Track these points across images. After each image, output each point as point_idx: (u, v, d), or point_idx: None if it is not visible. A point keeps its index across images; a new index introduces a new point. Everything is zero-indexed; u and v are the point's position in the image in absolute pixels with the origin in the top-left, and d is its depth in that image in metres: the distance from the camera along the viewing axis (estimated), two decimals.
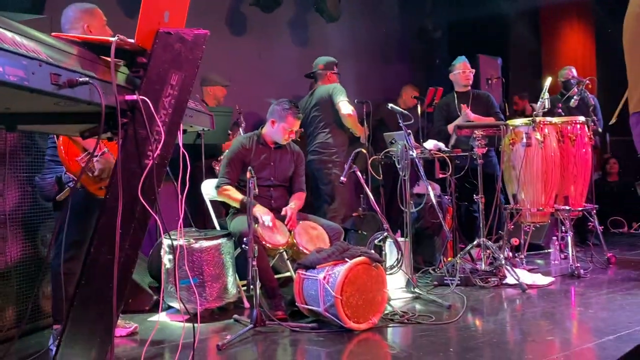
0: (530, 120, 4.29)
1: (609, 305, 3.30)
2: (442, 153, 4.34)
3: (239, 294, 3.56)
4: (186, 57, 1.74)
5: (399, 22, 6.72)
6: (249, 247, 2.94)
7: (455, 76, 5.08)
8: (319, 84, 4.66)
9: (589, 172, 4.42)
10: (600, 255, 4.55)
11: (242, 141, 3.64)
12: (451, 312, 3.23)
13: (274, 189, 3.64)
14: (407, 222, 3.86)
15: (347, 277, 2.87)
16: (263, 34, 5.49)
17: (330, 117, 4.55)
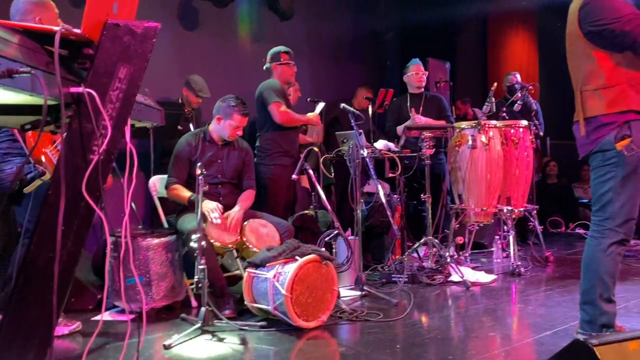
0: (475, 123, 4.43)
1: (547, 301, 3.45)
2: (391, 153, 4.42)
3: (187, 293, 3.50)
4: (135, 50, 1.70)
5: (352, 23, 6.78)
6: (197, 245, 2.90)
7: (408, 78, 5.16)
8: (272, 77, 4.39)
9: (530, 174, 4.61)
10: (539, 253, 4.75)
11: (188, 139, 3.58)
12: (398, 309, 3.30)
13: (222, 186, 3.60)
14: (357, 221, 3.91)
15: (297, 276, 2.88)
16: (215, 29, 5.42)
17: (263, 118, 4.30)
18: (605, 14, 2.30)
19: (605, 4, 2.33)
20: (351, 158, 3.92)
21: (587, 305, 2.44)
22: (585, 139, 2.43)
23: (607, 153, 2.36)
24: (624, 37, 2.28)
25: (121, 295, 3.09)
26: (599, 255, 2.40)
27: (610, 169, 2.36)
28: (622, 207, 2.36)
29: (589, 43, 2.39)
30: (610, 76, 2.36)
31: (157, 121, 2.48)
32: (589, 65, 2.41)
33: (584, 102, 2.42)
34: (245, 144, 3.77)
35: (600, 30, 2.33)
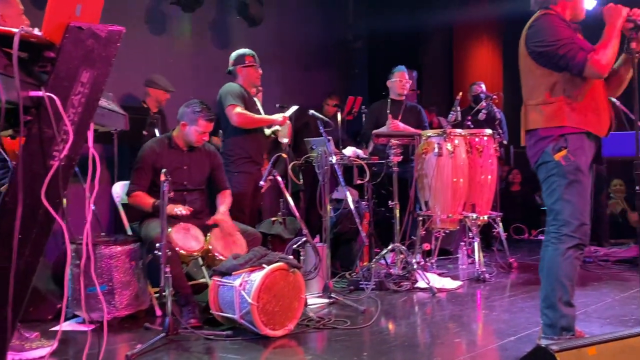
0: (441, 131, 4.50)
1: (511, 307, 3.51)
2: (360, 160, 4.44)
3: (151, 302, 3.43)
4: (99, 54, 1.66)
5: (321, 30, 6.81)
6: (162, 253, 2.85)
7: (392, 83, 5.20)
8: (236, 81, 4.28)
9: (494, 182, 4.70)
10: (503, 260, 4.83)
11: (152, 145, 3.51)
12: (366, 317, 3.30)
13: (188, 193, 3.54)
14: (326, 227, 3.90)
15: (264, 284, 2.86)
16: (183, 34, 5.36)
17: (224, 122, 4.20)
18: (545, 36, 2.49)
19: (547, 27, 2.51)
20: (320, 165, 3.92)
21: (548, 310, 2.53)
22: (530, 151, 2.59)
23: (548, 164, 2.52)
24: (560, 59, 2.46)
25: (82, 305, 3.01)
26: (557, 259, 2.50)
27: (554, 179, 2.51)
28: (572, 214, 2.48)
29: (533, 61, 2.56)
30: (549, 93, 2.52)
31: (121, 126, 2.43)
32: (532, 81, 2.59)
33: (527, 116, 2.59)
34: (212, 148, 3.73)
35: (540, 51, 2.51)
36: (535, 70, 2.56)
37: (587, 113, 2.52)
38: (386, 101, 5.25)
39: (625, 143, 4.75)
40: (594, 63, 2.40)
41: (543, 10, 2.58)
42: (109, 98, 3.14)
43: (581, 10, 2.67)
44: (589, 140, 2.53)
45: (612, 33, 2.46)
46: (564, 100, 2.50)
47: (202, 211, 3.60)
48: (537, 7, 2.64)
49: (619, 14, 2.47)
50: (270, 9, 5.87)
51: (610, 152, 4.86)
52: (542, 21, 2.53)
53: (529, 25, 2.56)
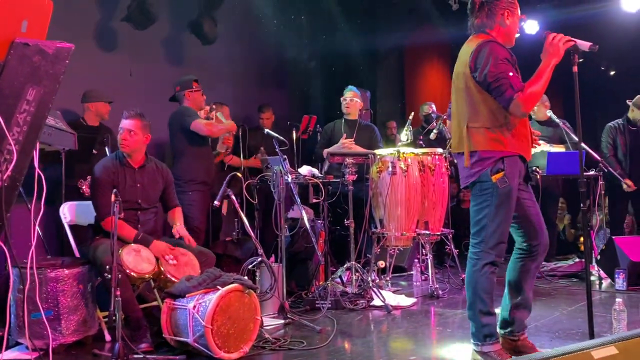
0: (395, 150, 4.58)
1: (464, 323, 3.55)
2: (315, 179, 4.45)
3: (100, 327, 3.31)
4: (46, 71, 1.62)
5: (276, 49, 6.83)
6: (112, 276, 2.75)
7: (343, 104, 5.25)
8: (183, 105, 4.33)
9: (446, 200, 4.80)
10: (455, 276, 4.92)
11: (106, 164, 3.41)
12: (322, 336, 3.29)
13: (142, 212, 3.45)
14: (281, 247, 3.88)
15: (218, 306, 2.80)
16: (135, 52, 5.27)
17: (177, 144, 4.27)
18: (485, 66, 2.57)
19: (489, 56, 2.58)
20: (275, 184, 3.91)
21: (471, 320, 2.74)
22: (468, 170, 2.70)
23: (484, 184, 2.65)
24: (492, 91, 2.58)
25: (25, 332, 2.86)
26: (476, 275, 2.70)
27: (486, 198, 2.65)
28: (494, 232, 2.64)
29: (476, 84, 2.64)
30: (492, 118, 2.63)
31: (69, 145, 2.36)
32: (475, 104, 2.66)
33: (470, 137, 2.67)
34: (164, 165, 3.66)
35: (479, 80, 2.61)
36: (477, 93, 2.64)
37: (521, 138, 2.68)
38: (340, 121, 5.31)
39: (568, 162, 4.98)
40: (519, 102, 2.53)
41: (483, 35, 2.69)
42: (57, 116, 3.05)
43: (513, 37, 2.80)
44: (521, 163, 2.69)
45: (544, 72, 2.60)
46: (505, 126, 2.62)
47: (155, 231, 3.51)
48: (473, 30, 2.76)
49: (557, 52, 2.61)
50: (224, 27, 5.86)
51: (554, 171, 5.08)
52: (487, 49, 2.60)
53: (476, 49, 2.62)
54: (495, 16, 2.68)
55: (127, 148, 3.40)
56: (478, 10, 2.71)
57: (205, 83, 4.50)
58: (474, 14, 2.73)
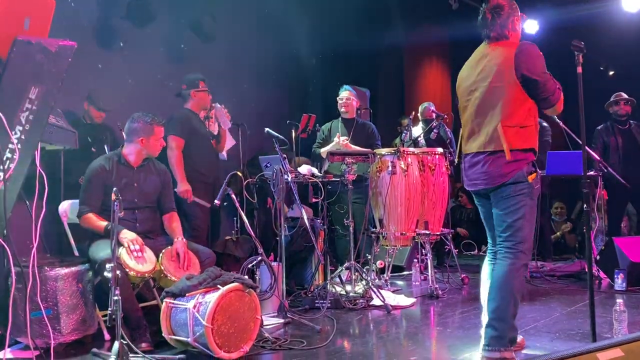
0: (395, 150, 4.57)
1: (464, 323, 3.57)
2: (315, 178, 4.45)
3: (99, 326, 3.29)
4: (49, 69, 1.60)
5: (276, 48, 6.82)
6: (112, 275, 2.74)
7: (339, 104, 5.25)
8: (186, 107, 4.28)
9: (446, 199, 4.80)
10: (455, 276, 4.93)
11: (101, 163, 3.39)
12: (322, 336, 3.28)
13: (139, 211, 3.44)
14: (281, 246, 3.87)
15: (219, 305, 2.79)
16: (134, 49, 5.25)
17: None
18: (538, 65, 2.63)
19: (538, 56, 2.65)
20: (275, 183, 3.90)
21: (497, 322, 2.60)
22: (499, 170, 2.65)
23: (519, 184, 2.62)
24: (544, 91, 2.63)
25: (26, 331, 2.85)
26: (511, 276, 2.60)
27: (522, 198, 2.63)
28: (530, 232, 2.66)
29: (517, 84, 2.63)
30: (527, 118, 2.66)
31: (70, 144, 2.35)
32: (513, 103, 2.64)
33: (507, 136, 2.62)
34: (162, 165, 3.64)
35: (530, 78, 2.61)
36: (519, 92, 2.63)
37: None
38: (337, 120, 5.30)
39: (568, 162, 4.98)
40: (562, 102, 2.66)
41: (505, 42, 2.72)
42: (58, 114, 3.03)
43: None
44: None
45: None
46: (534, 127, 2.68)
47: (153, 230, 3.50)
48: (490, 40, 2.78)
49: None
50: (224, 25, 5.84)
51: (554, 171, 5.07)
52: (532, 49, 2.65)
53: (522, 51, 2.63)
54: (507, 25, 2.74)
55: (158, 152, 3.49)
56: (490, 22, 2.75)
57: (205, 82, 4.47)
58: (487, 26, 2.77)
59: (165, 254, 3.29)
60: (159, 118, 3.47)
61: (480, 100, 2.74)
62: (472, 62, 2.83)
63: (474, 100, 2.76)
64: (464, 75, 2.86)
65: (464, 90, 2.83)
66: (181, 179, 3.99)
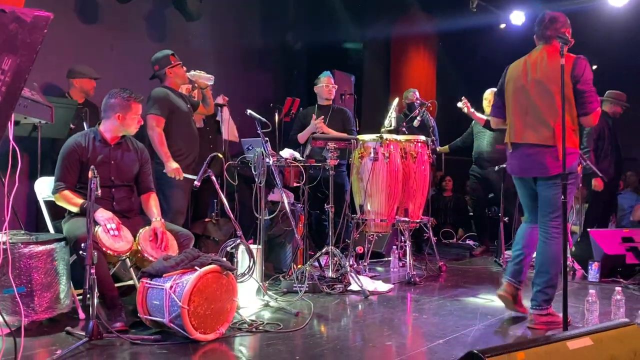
0: (378, 136, 4.57)
1: (440, 310, 3.61)
2: (296, 162, 4.43)
3: (74, 304, 3.26)
4: (23, 40, 1.55)
5: (261, 30, 6.74)
6: (87, 253, 2.70)
7: (319, 89, 5.23)
8: (164, 85, 4.11)
9: (427, 188, 4.82)
10: (433, 263, 4.97)
11: (78, 139, 3.32)
12: (298, 320, 3.29)
13: (116, 189, 3.39)
14: (261, 229, 3.86)
15: (195, 286, 2.78)
16: (116, 26, 5.14)
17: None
18: (589, 78, 3.09)
19: (589, 70, 3.11)
20: (256, 166, 3.87)
21: (549, 288, 3.16)
22: (556, 162, 3.07)
23: (571, 175, 3.06)
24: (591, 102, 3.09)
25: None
26: (559, 248, 3.08)
27: (571, 185, 3.11)
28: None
29: (571, 91, 3.07)
30: (573, 121, 3.14)
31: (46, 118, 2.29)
32: (567, 109, 2.99)
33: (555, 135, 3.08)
34: (140, 144, 3.58)
35: (583, 88, 3.08)
36: (570, 99, 3.07)
37: None
38: (314, 107, 5.29)
39: None
40: (598, 116, 3.16)
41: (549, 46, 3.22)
42: (34, 88, 2.96)
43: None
44: None
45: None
46: (577, 128, 3.19)
47: (131, 209, 3.45)
48: (542, 40, 3.26)
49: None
50: (209, 4, 5.75)
51: None
52: (586, 63, 3.11)
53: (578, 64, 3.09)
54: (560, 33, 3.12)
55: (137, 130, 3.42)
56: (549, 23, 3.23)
57: (188, 61, 4.39)
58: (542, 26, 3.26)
59: (142, 233, 3.25)
60: (137, 94, 3.39)
61: (532, 98, 3.18)
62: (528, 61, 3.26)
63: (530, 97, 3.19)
64: (517, 73, 3.28)
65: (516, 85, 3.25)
66: (168, 158, 3.86)
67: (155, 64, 4.12)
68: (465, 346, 2.83)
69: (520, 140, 3.22)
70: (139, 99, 3.39)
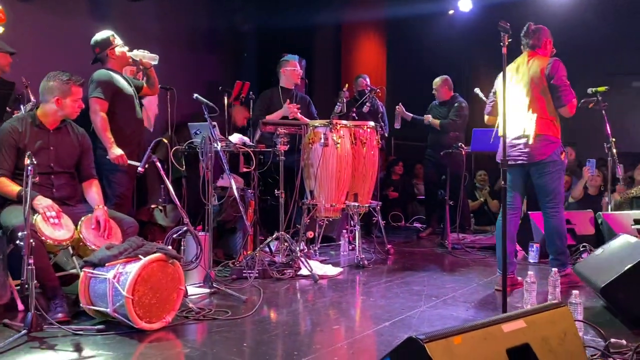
0: (328, 122, 4.58)
1: (387, 293, 3.69)
2: (246, 147, 4.38)
3: (12, 295, 3.14)
4: None
5: (209, 12, 6.58)
6: (25, 243, 2.60)
7: (287, 72, 5.17)
8: (106, 67, 3.91)
9: (376, 173, 4.89)
10: (381, 246, 5.06)
11: (14, 124, 3.16)
12: (247, 306, 3.29)
13: (55, 176, 3.26)
14: (209, 216, 3.81)
15: (140, 276, 2.72)
16: (56, 2, 4.90)
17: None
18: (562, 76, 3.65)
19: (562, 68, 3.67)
20: (204, 151, 3.81)
21: (561, 256, 3.82)
22: (539, 150, 3.63)
23: (556, 162, 3.69)
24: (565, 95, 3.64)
25: None
26: (562, 223, 3.80)
27: (558, 172, 3.73)
28: (562, 194, 3.86)
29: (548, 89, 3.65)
30: (555, 114, 3.70)
31: None
32: (546, 102, 3.66)
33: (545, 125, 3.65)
34: (81, 129, 3.44)
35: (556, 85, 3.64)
36: (548, 95, 3.65)
37: None
38: (277, 88, 5.24)
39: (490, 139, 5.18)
40: (574, 107, 3.69)
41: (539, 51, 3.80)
42: None
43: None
44: None
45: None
46: (558, 119, 3.73)
47: (72, 197, 3.34)
48: (527, 47, 3.83)
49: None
50: None
51: (478, 147, 5.28)
52: (559, 63, 3.69)
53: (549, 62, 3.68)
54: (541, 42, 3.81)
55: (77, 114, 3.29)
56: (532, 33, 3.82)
57: (132, 43, 4.23)
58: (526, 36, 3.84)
59: (84, 221, 3.15)
60: (77, 77, 3.25)
61: (520, 94, 3.68)
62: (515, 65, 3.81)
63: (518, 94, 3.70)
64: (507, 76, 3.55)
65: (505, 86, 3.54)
66: (111, 144, 3.69)
67: (96, 46, 3.94)
68: (410, 328, 2.91)
69: (509, 133, 3.61)
70: (79, 82, 3.26)
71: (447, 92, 6.09)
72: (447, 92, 6.09)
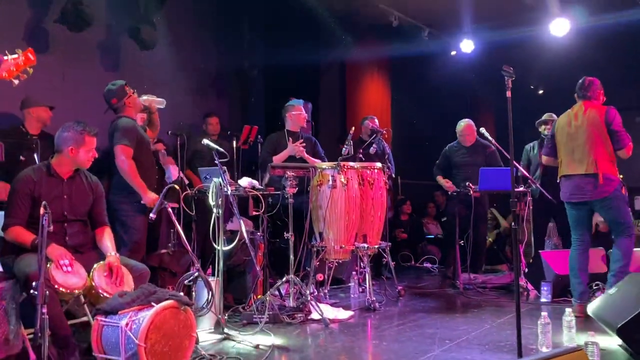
0: (335, 164, 4.63)
1: (399, 337, 3.64)
2: (255, 191, 4.42)
3: (24, 345, 3.12)
4: None
5: (217, 57, 6.76)
6: (39, 292, 2.61)
7: (293, 116, 5.26)
8: (120, 115, 3.97)
9: (384, 213, 4.90)
10: (392, 287, 5.02)
11: (28, 173, 3.23)
12: (259, 352, 3.25)
13: (69, 224, 3.29)
14: (219, 260, 3.81)
15: (152, 323, 2.72)
16: (68, 54, 5.06)
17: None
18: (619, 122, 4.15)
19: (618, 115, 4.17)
20: (214, 196, 3.85)
21: (620, 273, 3.98)
22: (602, 187, 4.09)
23: (618, 197, 4.14)
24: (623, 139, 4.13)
25: None
26: (631, 245, 4.14)
27: (622, 204, 4.19)
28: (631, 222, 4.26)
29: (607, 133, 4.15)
30: (611, 154, 4.16)
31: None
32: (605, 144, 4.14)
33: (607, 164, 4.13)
34: (94, 177, 3.50)
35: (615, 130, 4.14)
36: (607, 139, 4.13)
37: None
38: (283, 132, 5.32)
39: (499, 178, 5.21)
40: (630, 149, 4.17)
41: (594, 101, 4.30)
42: None
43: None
44: None
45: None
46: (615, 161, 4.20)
47: (84, 244, 3.36)
48: (583, 98, 4.32)
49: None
50: (163, 32, 5.74)
51: (486, 187, 5.29)
52: (615, 112, 4.18)
53: (606, 111, 4.18)
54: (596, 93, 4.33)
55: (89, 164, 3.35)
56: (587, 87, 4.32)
57: (143, 90, 4.35)
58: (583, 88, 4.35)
59: (96, 269, 3.17)
60: (91, 128, 3.33)
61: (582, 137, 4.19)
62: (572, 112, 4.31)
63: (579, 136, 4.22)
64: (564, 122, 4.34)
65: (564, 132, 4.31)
66: (145, 189, 3.75)
67: (113, 97, 3.99)
68: None
69: (572, 172, 4.19)
70: (93, 132, 3.33)
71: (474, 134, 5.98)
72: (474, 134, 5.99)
